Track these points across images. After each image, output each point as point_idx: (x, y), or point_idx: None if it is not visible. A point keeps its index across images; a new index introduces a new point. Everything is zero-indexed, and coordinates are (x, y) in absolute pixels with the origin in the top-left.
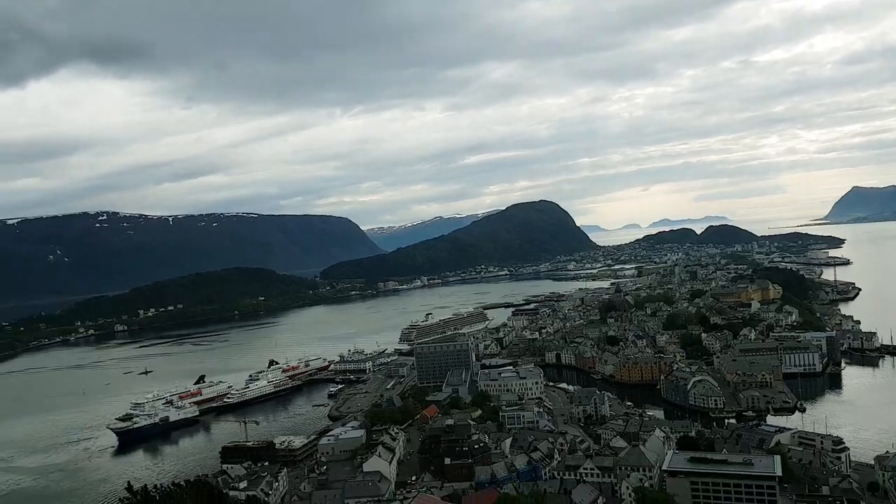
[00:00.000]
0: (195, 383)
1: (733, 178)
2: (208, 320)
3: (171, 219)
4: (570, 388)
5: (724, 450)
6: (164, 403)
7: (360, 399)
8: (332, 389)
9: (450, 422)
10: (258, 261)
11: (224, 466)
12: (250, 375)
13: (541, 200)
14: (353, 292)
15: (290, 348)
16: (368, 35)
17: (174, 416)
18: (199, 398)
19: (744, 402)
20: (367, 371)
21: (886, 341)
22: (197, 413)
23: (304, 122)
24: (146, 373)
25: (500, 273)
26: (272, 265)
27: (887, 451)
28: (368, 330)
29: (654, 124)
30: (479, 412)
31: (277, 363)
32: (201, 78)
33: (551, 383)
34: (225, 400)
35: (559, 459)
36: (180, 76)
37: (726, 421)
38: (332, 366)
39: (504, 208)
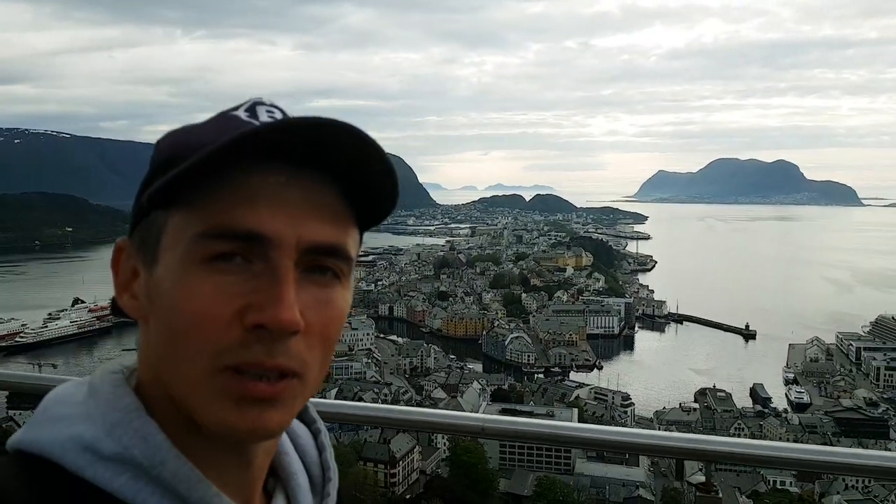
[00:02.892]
0: None
1: (562, 152)
2: (2, 249)
3: None
4: (400, 340)
5: (532, 402)
6: None
7: None
8: None
9: None
10: (68, 187)
11: (11, 413)
12: (49, 314)
13: (387, 154)
14: None
15: (101, 286)
16: None
17: None
18: None
19: (552, 358)
20: None
21: (673, 309)
22: None
23: (137, 39)
24: None
25: None
26: (86, 193)
27: (664, 407)
28: None
29: (499, 92)
30: None
31: (84, 302)
32: None
33: (382, 335)
34: (17, 339)
35: None
36: None
37: (536, 375)
38: None
39: None
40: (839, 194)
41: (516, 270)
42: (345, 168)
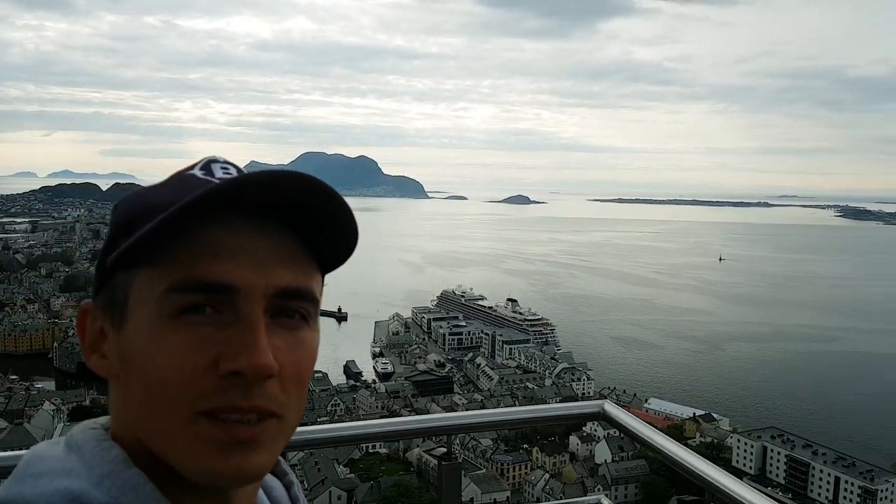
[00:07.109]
0: None
1: (146, 137)
2: None
3: None
4: None
5: None
6: None
7: None
8: None
9: None
10: None
11: None
12: None
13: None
14: None
15: None
16: None
17: None
18: None
19: None
20: None
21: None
22: None
23: None
24: None
25: None
26: None
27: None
28: None
29: (64, 64)
30: None
31: None
32: None
33: None
34: None
35: None
36: None
37: None
38: None
39: None
40: (410, 188)
41: (94, 270)
42: (304, 217)
